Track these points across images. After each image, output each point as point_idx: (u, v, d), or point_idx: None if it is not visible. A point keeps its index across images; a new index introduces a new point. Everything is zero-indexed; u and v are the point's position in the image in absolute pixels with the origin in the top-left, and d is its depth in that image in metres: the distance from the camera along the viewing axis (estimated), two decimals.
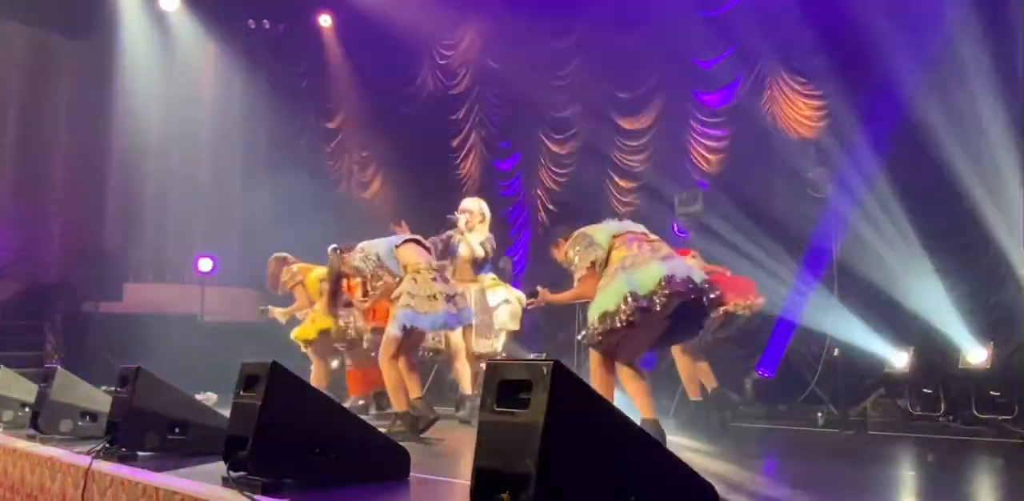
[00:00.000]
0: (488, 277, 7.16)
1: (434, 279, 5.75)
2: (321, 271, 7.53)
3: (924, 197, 7.12)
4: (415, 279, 5.75)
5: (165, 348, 7.99)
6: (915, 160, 7.16)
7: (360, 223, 8.44)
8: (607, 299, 4.74)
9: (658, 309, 4.61)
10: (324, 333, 7.40)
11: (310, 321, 7.44)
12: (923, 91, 7.07)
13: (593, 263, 4.87)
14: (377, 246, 5.88)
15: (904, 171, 7.23)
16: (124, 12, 12.13)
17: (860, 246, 7.38)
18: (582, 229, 5.12)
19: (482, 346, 6.90)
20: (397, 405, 5.62)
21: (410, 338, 5.70)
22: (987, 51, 6.68)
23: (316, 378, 7.34)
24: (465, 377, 6.70)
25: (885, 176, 7.29)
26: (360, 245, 5.94)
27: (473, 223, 6.89)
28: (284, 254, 7.82)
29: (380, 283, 5.81)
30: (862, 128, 7.53)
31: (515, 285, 9.56)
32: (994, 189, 6.66)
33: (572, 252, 4.96)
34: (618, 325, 4.61)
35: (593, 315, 4.74)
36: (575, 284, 4.99)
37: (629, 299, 4.62)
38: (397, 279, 5.73)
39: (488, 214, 7.01)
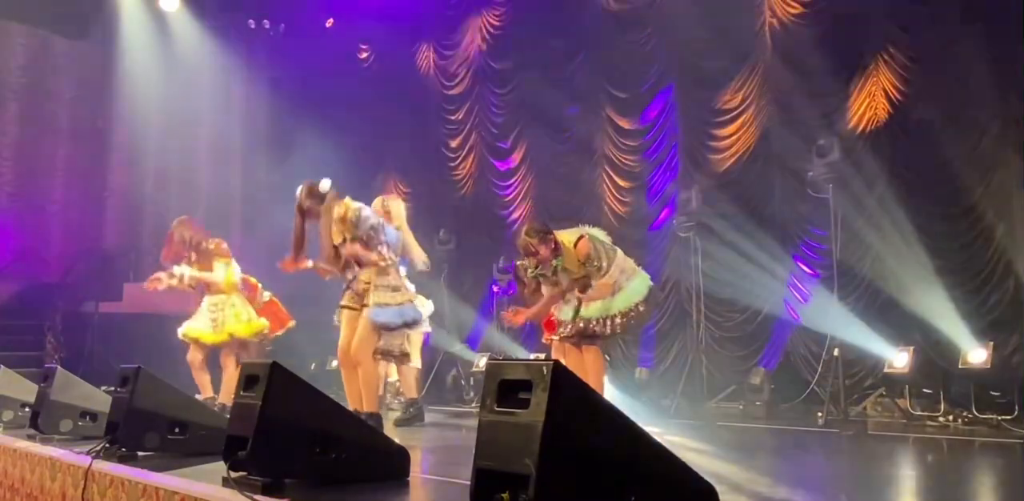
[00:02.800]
0: None
1: None
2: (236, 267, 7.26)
3: (924, 197, 7.12)
4: (399, 274, 5.66)
5: (165, 348, 7.99)
6: (916, 160, 7.16)
7: None
8: (636, 291, 5.45)
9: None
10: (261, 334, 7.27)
11: (239, 318, 7.08)
12: (925, 90, 7.07)
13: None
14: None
15: (904, 171, 7.23)
16: (124, 12, 12.13)
17: (860, 246, 7.38)
18: (591, 232, 5.47)
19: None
20: (372, 406, 5.43)
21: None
22: (987, 49, 6.68)
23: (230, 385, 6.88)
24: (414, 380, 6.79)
25: (885, 176, 7.29)
26: (363, 204, 5.61)
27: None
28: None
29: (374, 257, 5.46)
30: (862, 128, 7.52)
31: (513, 286, 9.59)
32: (995, 189, 6.66)
33: (601, 257, 5.49)
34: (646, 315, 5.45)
35: (620, 305, 5.37)
36: (600, 284, 5.49)
37: (652, 293, 5.58)
38: (386, 264, 5.49)
39: (394, 211, 6.71)
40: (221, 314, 7.13)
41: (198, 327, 7.15)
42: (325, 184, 5.48)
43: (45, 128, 12.58)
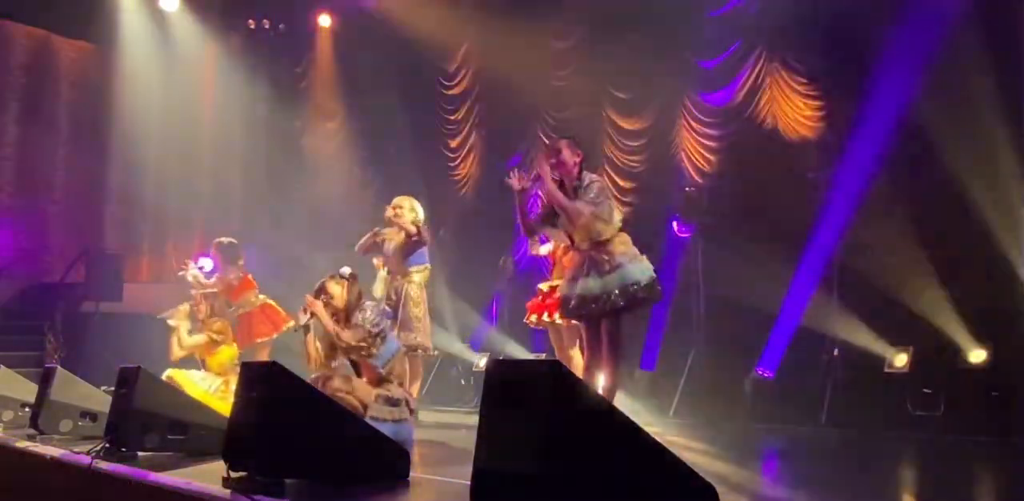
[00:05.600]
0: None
1: None
2: None
3: (924, 197, 7.12)
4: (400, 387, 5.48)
5: (165, 348, 7.99)
6: (915, 160, 7.16)
7: (359, 224, 8.44)
8: (647, 268, 5.20)
9: None
10: None
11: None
12: (924, 91, 7.07)
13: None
14: None
15: (904, 171, 7.23)
16: (124, 12, 12.12)
17: (860, 246, 7.38)
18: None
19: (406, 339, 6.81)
20: None
21: None
22: (988, 50, 6.68)
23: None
24: None
25: (885, 176, 7.29)
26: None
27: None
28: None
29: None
30: (863, 128, 7.53)
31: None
32: (994, 189, 6.66)
33: (607, 204, 5.27)
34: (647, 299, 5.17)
35: (643, 274, 5.17)
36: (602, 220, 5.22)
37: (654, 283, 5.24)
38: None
39: (421, 212, 7.14)
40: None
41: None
42: (345, 270, 5.36)
43: (45, 128, 12.56)
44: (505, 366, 2.75)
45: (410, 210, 7.10)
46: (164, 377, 6.72)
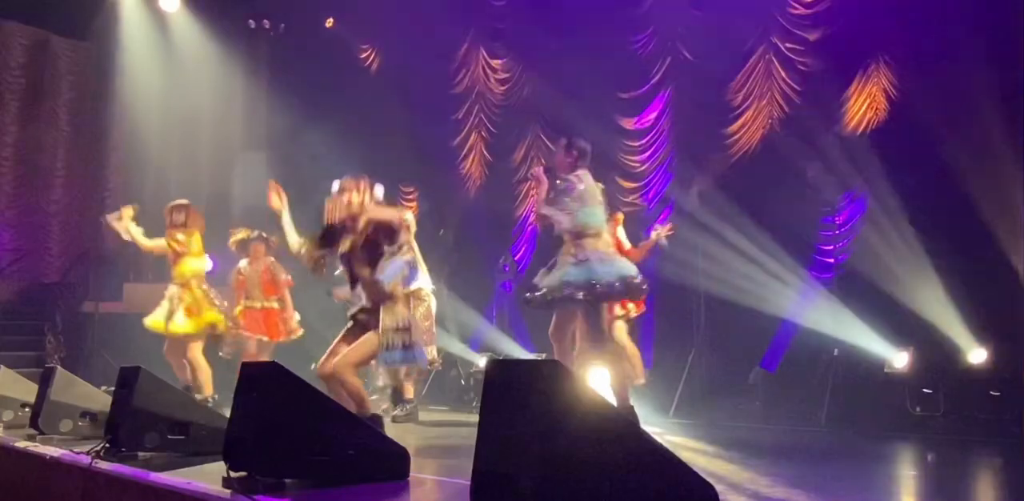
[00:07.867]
0: None
1: None
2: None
3: (924, 196, 7.12)
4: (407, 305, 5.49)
5: (165, 348, 7.99)
6: (916, 160, 7.17)
7: None
8: (625, 268, 5.27)
9: None
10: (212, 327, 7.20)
11: (189, 313, 7.03)
12: (924, 92, 7.07)
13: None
14: None
15: (905, 171, 7.23)
16: (124, 12, 12.14)
17: (861, 246, 7.38)
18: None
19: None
20: (366, 409, 5.07)
21: None
22: (989, 49, 6.68)
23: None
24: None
25: (886, 176, 7.30)
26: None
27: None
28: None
29: None
30: (862, 128, 7.53)
31: (509, 284, 9.57)
32: (994, 189, 6.66)
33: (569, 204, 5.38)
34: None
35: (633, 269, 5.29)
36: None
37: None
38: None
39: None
40: (173, 307, 7.11)
41: (156, 318, 7.17)
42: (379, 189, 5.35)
43: (45, 128, 12.57)
44: (505, 366, 2.75)
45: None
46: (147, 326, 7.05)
